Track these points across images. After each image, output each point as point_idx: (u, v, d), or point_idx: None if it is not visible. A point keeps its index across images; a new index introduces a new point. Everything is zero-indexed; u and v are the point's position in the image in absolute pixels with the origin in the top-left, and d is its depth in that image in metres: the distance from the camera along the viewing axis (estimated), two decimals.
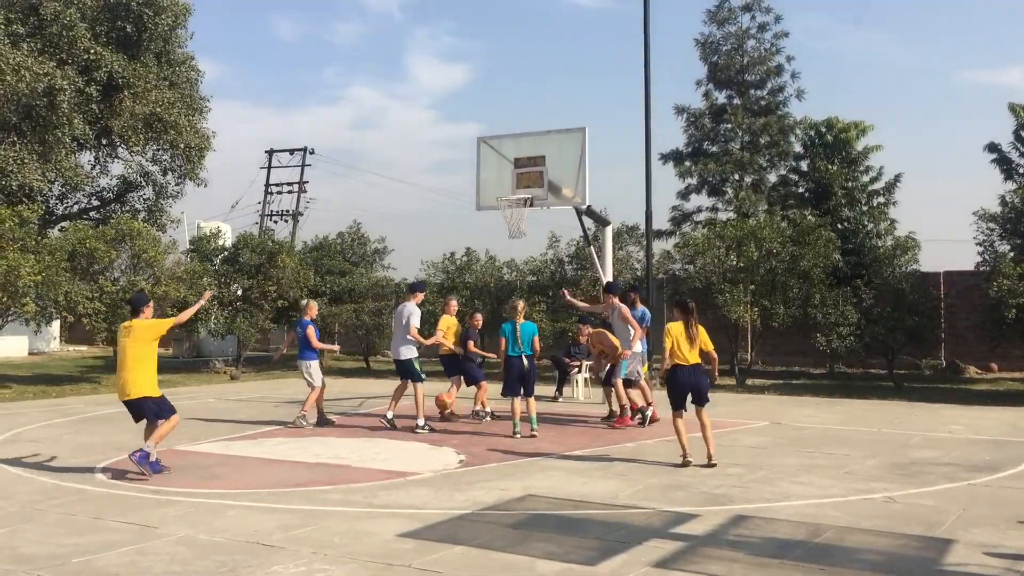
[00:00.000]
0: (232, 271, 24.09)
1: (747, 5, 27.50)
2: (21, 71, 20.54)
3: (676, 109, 27.76)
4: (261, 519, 7.28)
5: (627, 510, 7.63)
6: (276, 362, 20.06)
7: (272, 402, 16.53)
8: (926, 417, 14.13)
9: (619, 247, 22.85)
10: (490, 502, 7.91)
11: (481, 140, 16.31)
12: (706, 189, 27.50)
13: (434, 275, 24.83)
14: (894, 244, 21.32)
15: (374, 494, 8.27)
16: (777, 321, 20.00)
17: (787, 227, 21.04)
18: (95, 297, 18.87)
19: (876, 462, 9.94)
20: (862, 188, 25.24)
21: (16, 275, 16.36)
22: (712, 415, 14.40)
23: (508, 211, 15.44)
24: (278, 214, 43.33)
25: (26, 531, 6.95)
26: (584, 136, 15.43)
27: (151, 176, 25.86)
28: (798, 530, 6.93)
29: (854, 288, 19.92)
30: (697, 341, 9.82)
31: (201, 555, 6.28)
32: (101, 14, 23.44)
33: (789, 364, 24.16)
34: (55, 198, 25.05)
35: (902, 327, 19.24)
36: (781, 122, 26.95)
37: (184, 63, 25.32)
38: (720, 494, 8.26)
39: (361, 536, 6.76)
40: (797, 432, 12.43)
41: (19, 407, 15.60)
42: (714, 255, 20.45)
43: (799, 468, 9.57)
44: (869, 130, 25.85)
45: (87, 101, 22.49)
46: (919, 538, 6.74)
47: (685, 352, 9.74)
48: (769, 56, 27.34)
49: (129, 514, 7.46)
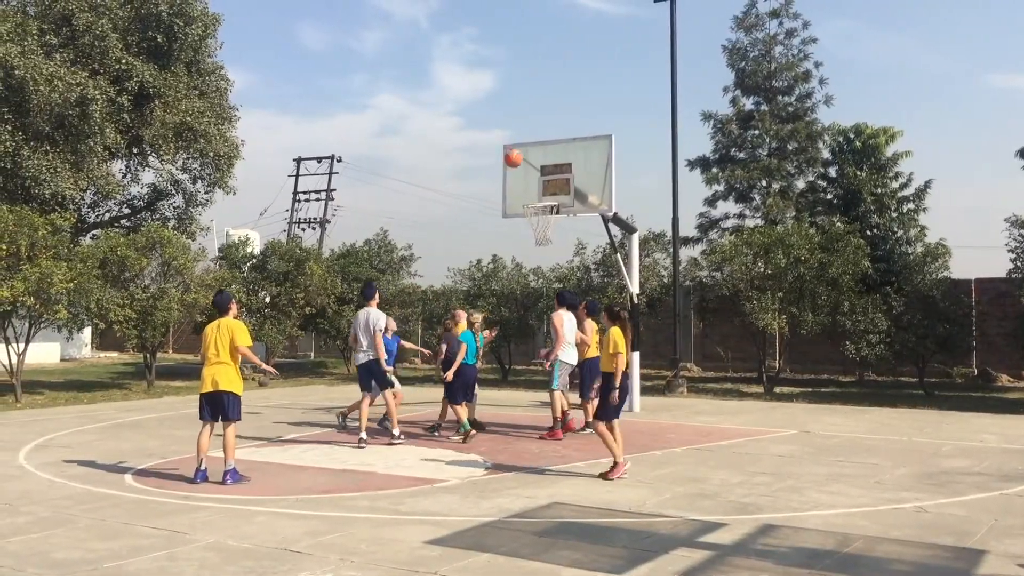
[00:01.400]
0: (260, 278, 24.30)
1: (775, 11, 27.38)
2: (54, 81, 20.84)
3: (703, 115, 27.69)
4: (289, 525, 7.32)
5: (654, 518, 7.60)
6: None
7: (300, 408, 16.63)
8: (957, 426, 13.97)
9: (646, 254, 22.79)
10: (516, 509, 7.91)
11: (508, 148, 16.33)
12: (733, 196, 27.36)
13: (460, 282, 24.88)
14: (924, 251, 21.11)
15: (401, 501, 8.30)
16: (805, 329, 19.85)
17: (815, 234, 20.88)
18: (126, 304, 19.09)
19: (906, 471, 9.84)
20: (891, 194, 24.98)
21: (49, 282, 16.57)
22: (741, 423, 14.43)
23: (534, 218, 15.45)
24: (306, 221, 43.69)
25: (57, 536, 7.03)
26: (611, 143, 15.41)
27: (181, 184, 26.09)
28: (827, 540, 6.87)
29: (884, 295, 19.74)
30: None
31: (230, 560, 6.33)
32: (133, 25, 23.72)
33: (818, 372, 23.98)
34: (87, 206, 25.32)
35: (933, 334, 19.04)
36: (809, 128, 26.77)
37: (214, 72, 25.55)
38: (748, 503, 8.20)
39: (387, 543, 6.78)
40: (826, 441, 12.32)
41: (51, 413, 15.79)
42: (741, 262, 20.33)
43: (828, 477, 9.48)
44: (898, 136, 25.59)
45: (119, 111, 22.75)
46: (950, 548, 6.65)
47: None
48: (797, 62, 27.20)
49: (159, 519, 7.53)
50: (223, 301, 9.70)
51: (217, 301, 9.88)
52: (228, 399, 9.28)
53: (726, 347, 25.16)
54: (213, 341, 9.31)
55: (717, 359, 25.81)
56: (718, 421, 14.77)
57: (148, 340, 20.04)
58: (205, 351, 9.38)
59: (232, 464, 9.21)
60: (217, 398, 9.30)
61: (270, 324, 23.37)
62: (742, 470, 9.90)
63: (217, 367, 9.26)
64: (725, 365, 25.48)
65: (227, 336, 9.27)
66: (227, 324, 9.37)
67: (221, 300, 9.76)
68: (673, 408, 16.67)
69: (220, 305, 9.70)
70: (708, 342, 26.29)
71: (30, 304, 16.78)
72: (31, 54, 20.93)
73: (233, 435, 9.36)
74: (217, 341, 9.29)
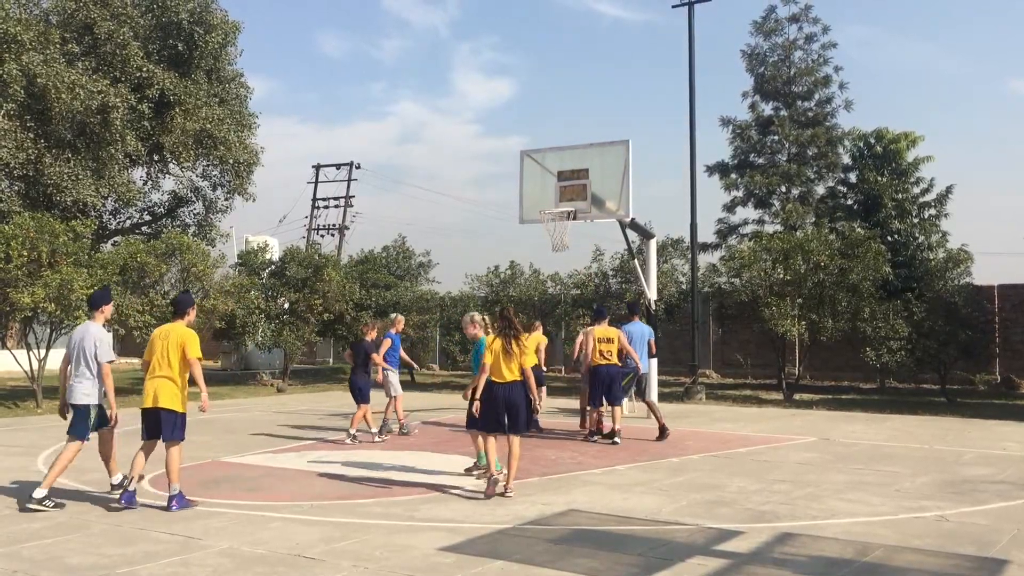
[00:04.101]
0: (279, 285, 24.39)
1: (794, 16, 27.30)
2: (76, 89, 21.02)
3: (722, 121, 27.61)
4: (303, 531, 7.30)
5: (670, 526, 7.53)
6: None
7: (317, 415, 16.64)
8: (979, 433, 13.79)
9: (664, 260, 22.71)
10: (531, 517, 7.85)
11: (524, 153, 16.32)
12: (752, 201, 27.26)
13: (478, 288, 24.87)
14: (946, 257, 20.91)
15: (415, 507, 8.26)
16: (825, 335, 19.70)
17: (835, 240, 20.73)
18: (145, 310, 19.18)
19: (927, 479, 9.71)
20: (912, 200, 24.79)
21: (69, 289, 16.68)
22: (759, 430, 14.31)
23: (551, 224, 15.43)
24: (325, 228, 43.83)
25: (72, 541, 7.04)
26: (627, 149, 15.37)
27: (201, 191, 26.28)
28: (846, 549, 6.78)
29: (905, 302, 19.56)
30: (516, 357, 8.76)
31: (243, 567, 6.31)
32: (153, 33, 23.92)
33: (838, 379, 23.79)
34: (108, 213, 25.51)
35: (955, 341, 18.84)
36: (829, 133, 26.64)
37: (233, 80, 25.72)
38: (766, 511, 8.12)
39: (401, 550, 6.74)
40: (846, 448, 12.19)
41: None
42: (760, 268, 20.20)
43: (847, 485, 9.37)
44: (919, 141, 25.40)
45: (139, 118, 22.93)
46: (972, 558, 6.55)
47: (503, 369, 8.75)
48: (817, 67, 27.09)
49: (173, 525, 7.53)
50: (186, 302, 8.68)
51: (180, 300, 8.73)
52: (168, 417, 8.23)
53: (745, 353, 25.02)
54: (161, 350, 8.26)
55: (736, 365, 25.67)
56: (737, 428, 14.66)
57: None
58: (149, 359, 8.36)
59: (177, 488, 8.15)
60: (155, 416, 8.24)
61: (289, 330, 23.44)
62: (760, 478, 9.80)
63: (160, 381, 8.23)
64: (744, 372, 25.33)
65: (177, 347, 8.22)
66: (179, 333, 8.31)
67: (184, 300, 8.72)
68: (691, 415, 16.56)
69: (181, 306, 8.60)
70: (727, 348, 26.16)
71: (51, 310, 16.90)
72: (53, 62, 21.14)
73: (177, 457, 8.23)
74: (167, 351, 8.24)
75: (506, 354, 8.68)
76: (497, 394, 8.69)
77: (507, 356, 8.68)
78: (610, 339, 12.66)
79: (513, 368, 8.69)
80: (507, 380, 8.69)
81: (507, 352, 8.68)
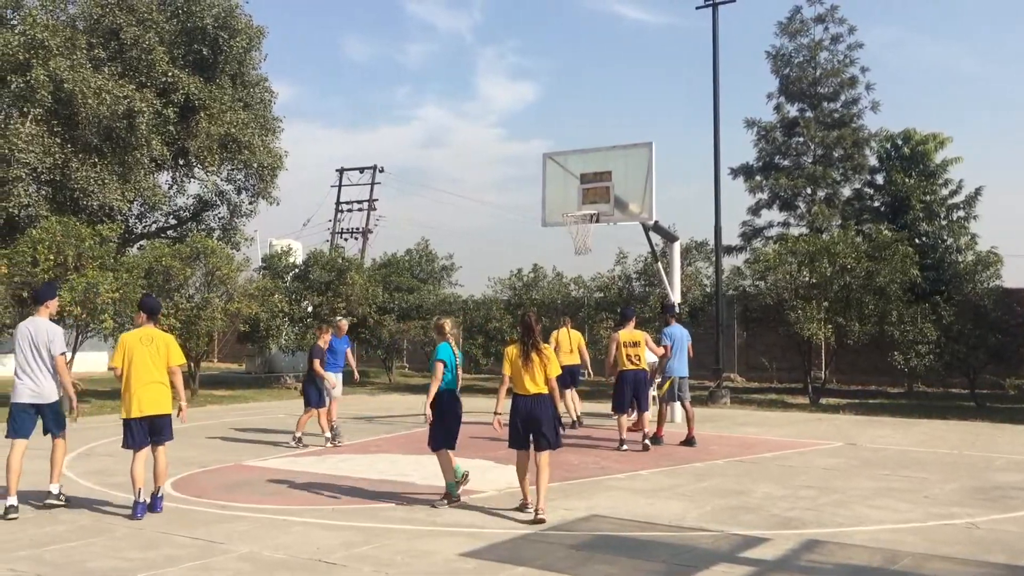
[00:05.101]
0: (303, 288, 24.48)
1: (820, 16, 27.08)
2: (102, 94, 21.21)
3: (746, 123, 27.43)
4: (324, 536, 7.28)
5: (694, 532, 7.44)
6: None
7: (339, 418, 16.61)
8: (1010, 438, 13.57)
9: (688, 263, 22.58)
10: (553, 522, 7.78)
11: (547, 156, 16.23)
12: (777, 204, 27.05)
13: (501, 292, 24.83)
14: (975, 259, 20.58)
15: (437, 512, 8.22)
16: (852, 339, 19.46)
17: (862, 242, 20.49)
18: (170, 314, 19.28)
19: (957, 486, 9.55)
20: (941, 202, 24.46)
21: (95, 292, 16.80)
22: (785, 434, 14.16)
23: (574, 227, 15.34)
24: (348, 231, 43.94)
25: (94, 544, 7.06)
26: (651, 151, 15.25)
27: (226, 195, 26.43)
28: (874, 556, 6.66)
29: (933, 305, 19.29)
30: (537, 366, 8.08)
31: (263, 571, 6.29)
32: (179, 38, 24.11)
33: (865, 383, 23.52)
34: (134, 217, 25.74)
35: (984, 345, 18.56)
36: (855, 135, 26.38)
37: (258, 84, 25.86)
38: (792, 517, 8.00)
39: (422, 555, 6.70)
40: (873, 453, 12.02)
41: (96, 421, 15.96)
42: (786, 271, 20.00)
43: (875, 491, 9.23)
44: (948, 142, 25.07)
45: (165, 123, 23.10)
46: (1003, 567, 6.41)
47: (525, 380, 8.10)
48: (843, 68, 26.85)
49: (195, 529, 7.53)
50: (156, 305, 8.65)
51: (149, 304, 8.55)
52: (166, 421, 8.36)
53: (770, 357, 24.79)
54: (148, 357, 8.17)
55: (761, 369, 25.44)
56: (762, 432, 14.51)
57: (192, 349, 20.24)
58: (131, 365, 8.14)
59: (163, 491, 8.38)
60: (158, 421, 8.30)
61: (312, 333, 23.49)
62: (786, 483, 9.68)
63: (155, 387, 8.20)
64: (769, 375, 25.10)
65: (163, 351, 8.23)
66: (162, 338, 8.33)
67: (154, 304, 8.63)
68: (716, 419, 16.42)
69: (152, 309, 8.50)
70: (752, 352, 25.93)
71: (77, 313, 17.02)
72: (80, 68, 21.34)
73: (165, 458, 8.43)
74: (155, 356, 8.19)
75: (526, 364, 8.02)
76: (519, 407, 8.09)
77: (527, 366, 8.01)
78: (636, 342, 12.45)
79: (537, 379, 8.00)
80: (530, 393, 8.00)
81: (526, 362, 8.02)
